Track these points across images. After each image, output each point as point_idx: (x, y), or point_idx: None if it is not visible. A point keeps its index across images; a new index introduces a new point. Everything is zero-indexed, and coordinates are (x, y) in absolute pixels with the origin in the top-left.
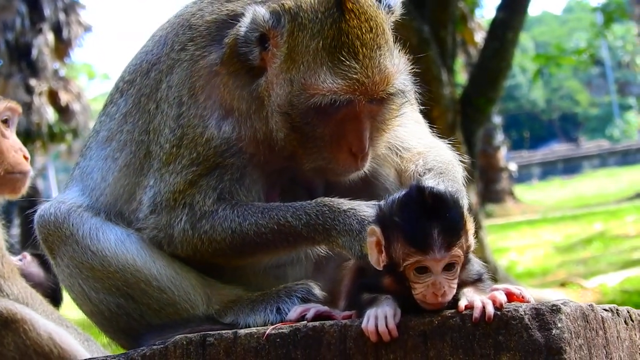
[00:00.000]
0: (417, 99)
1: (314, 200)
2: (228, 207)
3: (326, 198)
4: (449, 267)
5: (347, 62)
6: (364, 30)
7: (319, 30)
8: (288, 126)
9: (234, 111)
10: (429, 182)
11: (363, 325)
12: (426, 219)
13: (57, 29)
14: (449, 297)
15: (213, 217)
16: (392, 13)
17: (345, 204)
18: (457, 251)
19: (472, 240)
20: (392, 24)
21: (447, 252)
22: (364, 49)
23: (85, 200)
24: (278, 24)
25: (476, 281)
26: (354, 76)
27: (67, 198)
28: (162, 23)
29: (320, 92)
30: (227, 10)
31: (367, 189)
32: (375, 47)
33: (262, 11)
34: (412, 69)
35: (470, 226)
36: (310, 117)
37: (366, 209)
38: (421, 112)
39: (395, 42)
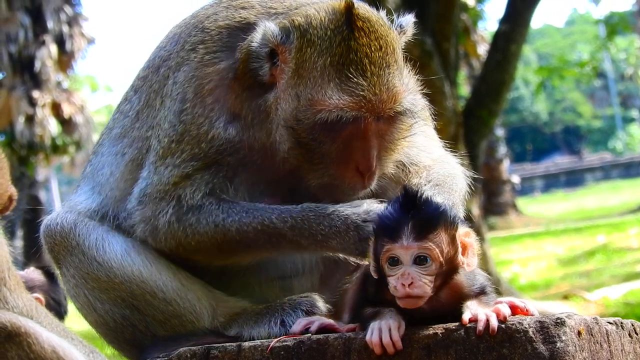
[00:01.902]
0: (430, 114)
1: (299, 205)
2: (214, 202)
3: (312, 204)
4: (420, 261)
5: (355, 79)
6: (373, 49)
7: (327, 47)
8: (293, 141)
9: (242, 119)
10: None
11: (367, 337)
12: (401, 212)
13: (60, 41)
14: (419, 291)
15: (199, 210)
16: (404, 33)
17: (329, 207)
18: (429, 244)
19: (471, 254)
20: (403, 43)
21: (415, 241)
22: (372, 67)
23: (96, 200)
24: (287, 39)
25: (480, 294)
26: (361, 93)
27: (77, 202)
28: (179, 21)
29: (326, 108)
30: (239, 17)
31: None
32: (384, 65)
33: (272, 27)
34: (420, 86)
35: (465, 238)
36: (316, 133)
37: (348, 208)
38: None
39: (406, 62)
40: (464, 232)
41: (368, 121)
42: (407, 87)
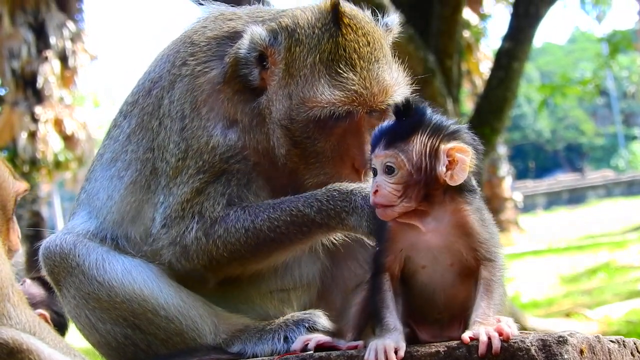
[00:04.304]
0: None
1: (324, 187)
2: (239, 209)
3: (336, 183)
4: (389, 170)
5: (345, 74)
6: (361, 44)
7: (315, 45)
8: (289, 141)
9: (238, 123)
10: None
11: (365, 357)
12: (387, 123)
13: (63, 57)
14: (382, 199)
15: (225, 220)
16: (390, 31)
17: (352, 185)
18: (393, 152)
19: (459, 169)
20: (390, 41)
21: (383, 149)
22: (362, 62)
23: (93, 223)
24: (275, 41)
25: (489, 260)
26: (352, 87)
27: (74, 226)
28: (167, 44)
29: (318, 104)
30: (227, 27)
31: None
32: (373, 59)
33: (259, 30)
34: (414, 89)
35: (457, 152)
36: (310, 131)
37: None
38: None
39: (394, 58)
40: (456, 147)
41: (361, 115)
42: (397, 80)
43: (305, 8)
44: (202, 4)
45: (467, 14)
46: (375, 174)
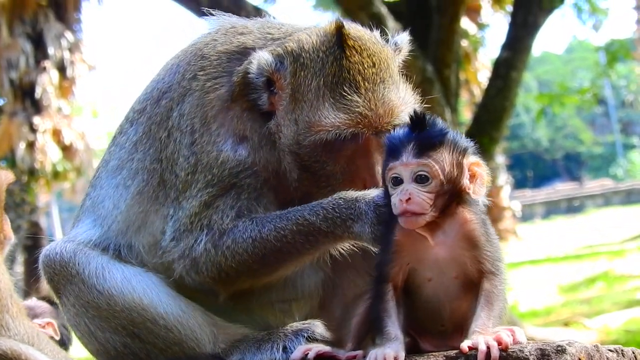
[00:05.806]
0: None
1: (330, 196)
2: (247, 221)
3: (342, 192)
4: (420, 180)
5: (349, 97)
6: (365, 66)
7: (320, 69)
8: (299, 166)
9: (248, 140)
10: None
11: None
12: (407, 132)
13: (61, 68)
14: (417, 207)
15: (233, 231)
16: (400, 51)
17: (358, 192)
18: (428, 161)
19: (479, 183)
20: (400, 61)
21: (414, 158)
22: (366, 83)
23: (97, 232)
24: (281, 66)
25: (491, 272)
26: (357, 110)
27: (76, 234)
28: (176, 52)
29: (324, 128)
30: (237, 42)
31: None
32: (378, 80)
33: (265, 56)
34: (421, 103)
35: (475, 167)
36: (318, 155)
37: (375, 191)
38: None
39: (402, 77)
40: (474, 161)
41: (367, 137)
42: (403, 100)
43: (311, 31)
44: (204, 16)
45: (465, 23)
46: (397, 183)
